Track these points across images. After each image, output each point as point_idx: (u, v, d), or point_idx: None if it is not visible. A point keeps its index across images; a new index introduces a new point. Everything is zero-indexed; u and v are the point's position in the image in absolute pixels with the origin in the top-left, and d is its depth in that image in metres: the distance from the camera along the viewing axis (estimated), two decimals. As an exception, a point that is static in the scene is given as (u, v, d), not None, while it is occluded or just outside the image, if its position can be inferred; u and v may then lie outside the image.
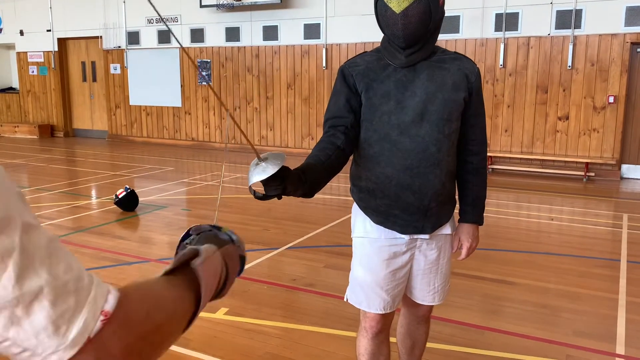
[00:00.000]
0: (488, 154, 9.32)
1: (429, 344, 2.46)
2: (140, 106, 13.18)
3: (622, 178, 8.81)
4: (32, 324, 0.53)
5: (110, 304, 0.60)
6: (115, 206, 6.23)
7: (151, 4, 0.97)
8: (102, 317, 0.58)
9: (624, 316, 3.51)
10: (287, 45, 11.18)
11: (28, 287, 0.52)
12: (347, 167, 2.06)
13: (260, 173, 1.39)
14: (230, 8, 11.27)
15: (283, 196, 1.56)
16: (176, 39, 1.00)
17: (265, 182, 1.49)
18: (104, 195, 7.08)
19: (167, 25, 0.97)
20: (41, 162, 10.11)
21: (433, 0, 1.75)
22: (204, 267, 0.82)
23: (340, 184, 6.77)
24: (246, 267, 3.71)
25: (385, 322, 2.10)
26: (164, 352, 0.70)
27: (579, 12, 8.66)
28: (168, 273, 0.79)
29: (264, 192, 1.55)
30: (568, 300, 3.79)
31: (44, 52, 14.27)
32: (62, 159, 10.83)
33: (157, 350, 0.68)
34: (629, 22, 8.38)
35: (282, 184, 1.52)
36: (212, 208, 6.52)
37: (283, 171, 1.50)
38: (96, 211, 6.43)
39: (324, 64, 10.78)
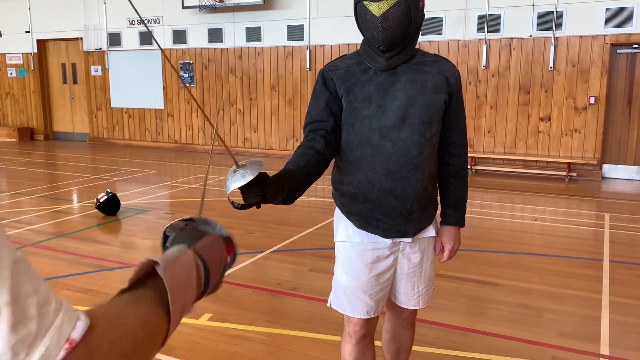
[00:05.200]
0: (471, 155, 9.39)
1: (414, 348, 2.44)
2: (122, 108, 13.04)
3: (603, 178, 8.91)
4: None
5: (78, 332, 0.56)
6: (97, 210, 6.14)
7: (132, 5, 0.94)
8: (66, 346, 0.55)
9: (608, 316, 3.53)
10: (270, 47, 11.14)
11: None
12: (329, 170, 2.03)
13: (239, 180, 1.36)
14: (213, 9, 11.20)
15: (262, 204, 1.53)
16: (156, 42, 0.98)
17: (244, 190, 1.46)
18: (85, 200, 6.98)
19: (147, 28, 0.95)
20: (20, 165, 9.95)
21: (413, 3, 1.74)
22: (171, 273, 0.75)
23: (325, 185, 6.76)
24: (230, 271, 3.65)
25: (369, 326, 2.08)
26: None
27: (559, 14, 8.74)
28: (134, 284, 0.73)
29: (242, 202, 1.51)
30: (552, 301, 3.80)
31: (22, 54, 14.06)
32: (42, 162, 10.67)
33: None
34: (608, 23, 8.48)
35: (262, 191, 1.48)
36: (195, 212, 6.45)
37: (262, 177, 1.47)
38: (77, 216, 6.33)
39: (307, 66, 10.75)
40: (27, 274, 0.54)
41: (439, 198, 2.09)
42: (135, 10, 0.96)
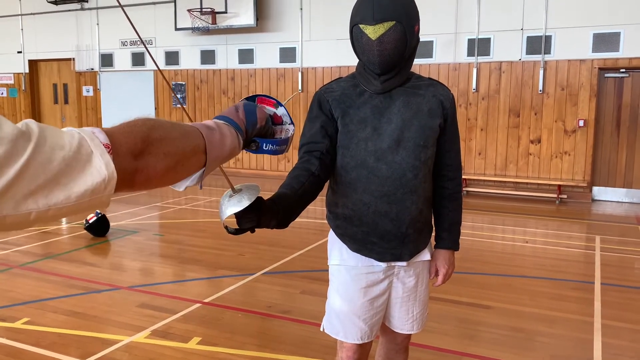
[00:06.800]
0: (462, 177, 9.42)
1: (407, 373, 2.41)
2: (113, 129, 12.99)
3: (593, 200, 8.96)
4: (78, 184, 0.69)
5: (102, 137, 0.75)
6: (86, 231, 6.08)
7: (134, 27, 0.99)
8: (107, 150, 0.74)
9: (600, 340, 3.52)
10: (262, 69, 11.20)
11: (56, 163, 0.67)
12: (323, 192, 2.02)
13: (235, 205, 1.34)
14: (206, 31, 11.27)
15: (256, 229, 1.51)
16: (154, 60, 0.99)
17: (239, 215, 1.44)
18: (74, 220, 6.91)
19: (146, 47, 0.95)
20: (9, 185, 9.83)
21: (408, 27, 1.75)
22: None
23: (316, 207, 6.74)
24: (219, 294, 3.58)
25: (362, 352, 2.05)
26: (176, 167, 0.88)
27: (548, 38, 8.88)
28: None
29: (237, 226, 1.49)
30: (544, 323, 3.78)
31: (14, 73, 14.04)
32: (31, 182, 10.56)
33: (169, 159, 0.85)
34: (596, 48, 8.62)
35: (257, 216, 1.47)
36: (185, 233, 6.41)
37: (257, 202, 1.46)
38: (66, 237, 6.26)
39: (299, 87, 10.81)
40: (47, 128, 0.69)
41: (433, 221, 2.08)
42: (137, 32, 0.98)
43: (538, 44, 8.94)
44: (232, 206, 1.34)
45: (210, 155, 0.95)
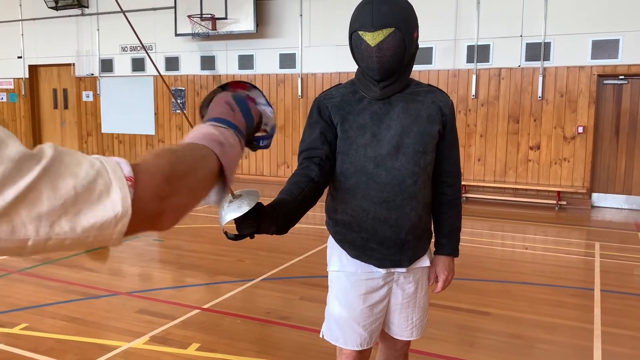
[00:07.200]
0: (461, 183, 9.42)
1: (406, 380, 2.40)
2: (113, 134, 13.01)
3: (592, 206, 8.96)
4: (87, 216, 0.64)
5: (127, 170, 0.70)
6: (85, 237, 6.07)
7: (135, 32, 0.96)
8: (129, 183, 0.69)
9: (600, 347, 3.51)
10: (262, 74, 11.22)
11: (65, 191, 0.62)
12: (323, 198, 2.02)
13: (235, 210, 1.33)
14: (206, 37, 11.29)
15: (256, 234, 1.51)
16: (154, 64, 0.97)
17: (239, 221, 1.44)
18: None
19: (146, 51, 0.94)
20: (9, 190, 9.83)
21: (407, 34, 1.76)
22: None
23: (316, 213, 6.74)
24: (218, 300, 3.57)
25: (362, 358, 2.04)
26: (199, 198, 0.85)
27: (547, 45, 8.90)
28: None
29: (236, 232, 1.49)
30: (543, 330, 3.77)
31: (14, 79, 14.06)
32: (30, 187, 10.55)
33: (193, 194, 0.81)
34: (595, 55, 8.64)
35: (256, 221, 1.47)
36: (184, 239, 6.40)
37: (257, 208, 1.46)
38: (65, 242, 6.24)
39: (299, 93, 10.83)
40: (67, 154, 0.66)
41: (432, 227, 2.08)
42: (137, 36, 0.96)
43: (537, 51, 8.96)
44: (232, 212, 1.33)
45: (229, 174, 0.91)
